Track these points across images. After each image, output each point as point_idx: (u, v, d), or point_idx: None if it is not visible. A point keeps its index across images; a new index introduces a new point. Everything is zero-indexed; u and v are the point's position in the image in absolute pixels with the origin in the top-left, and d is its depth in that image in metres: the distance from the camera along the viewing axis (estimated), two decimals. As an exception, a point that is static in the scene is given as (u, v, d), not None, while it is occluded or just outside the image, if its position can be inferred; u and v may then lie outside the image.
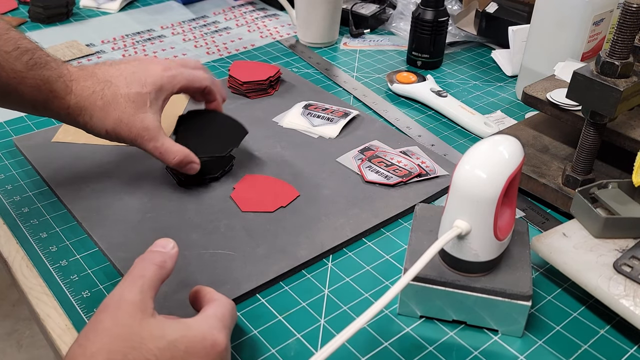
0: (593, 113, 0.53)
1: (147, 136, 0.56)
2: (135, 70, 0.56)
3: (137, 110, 0.55)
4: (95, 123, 0.55)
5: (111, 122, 0.55)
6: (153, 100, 0.56)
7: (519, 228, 0.51)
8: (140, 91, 0.55)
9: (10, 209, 0.60)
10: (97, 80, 0.55)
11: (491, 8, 0.92)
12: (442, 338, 0.48)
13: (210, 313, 0.41)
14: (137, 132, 0.55)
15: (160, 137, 0.57)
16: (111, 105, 0.54)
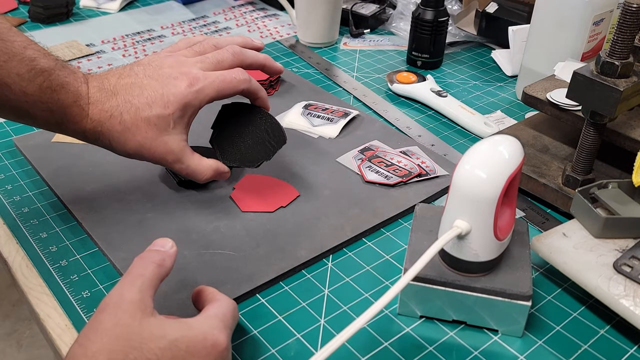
0: (593, 113, 0.53)
1: (171, 159, 0.53)
2: (157, 87, 0.52)
3: (159, 134, 0.52)
4: (115, 147, 0.53)
5: (132, 147, 0.52)
6: (177, 120, 0.52)
7: (519, 228, 0.51)
8: (163, 113, 0.51)
9: (10, 209, 0.60)
10: (117, 103, 0.51)
11: (491, 8, 0.92)
12: (442, 338, 0.48)
13: (212, 313, 0.41)
14: (160, 155, 0.53)
15: (186, 159, 0.54)
16: (131, 131, 0.51)
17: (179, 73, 0.53)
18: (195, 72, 0.53)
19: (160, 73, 0.53)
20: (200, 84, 0.52)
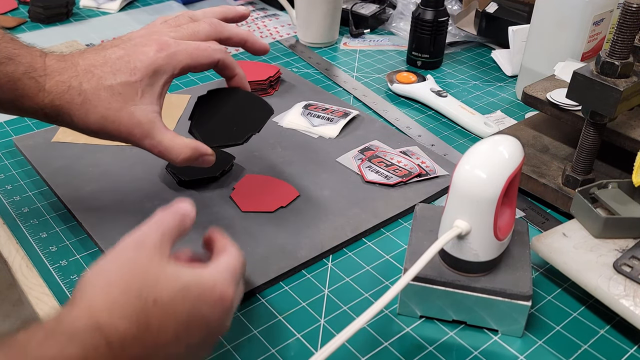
0: (593, 113, 0.53)
1: (140, 133, 0.47)
2: (122, 55, 0.48)
3: (124, 104, 0.47)
4: (77, 123, 0.47)
5: (95, 120, 0.47)
6: (146, 88, 0.47)
7: (519, 228, 0.51)
8: (129, 80, 0.47)
9: (10, 209, 0.60)
10: (76, 73, 0.47)
11: (491, 8, 0.92)
12: (442, 338, 0.48)
13: (223, 266, 0.41)
14: (127, 129, 0.47)
15: (157, 133, 0.48)
16: (92, 102, 0.46)
17: (148, 40, 0.49)
18: (166, 38, 0.49)
19: (129, 43, 0.49)
20: (171, 49, 0.48)
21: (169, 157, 0.49)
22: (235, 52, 0.94)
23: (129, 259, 0.37)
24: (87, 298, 0.35)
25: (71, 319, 0.33)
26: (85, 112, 0.47)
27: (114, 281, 0.35)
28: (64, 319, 0.33)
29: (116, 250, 0.38)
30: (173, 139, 0.49)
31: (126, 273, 0.36)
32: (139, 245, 0.38)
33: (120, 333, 0.33)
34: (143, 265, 0.37)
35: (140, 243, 0.38)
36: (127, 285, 0.35)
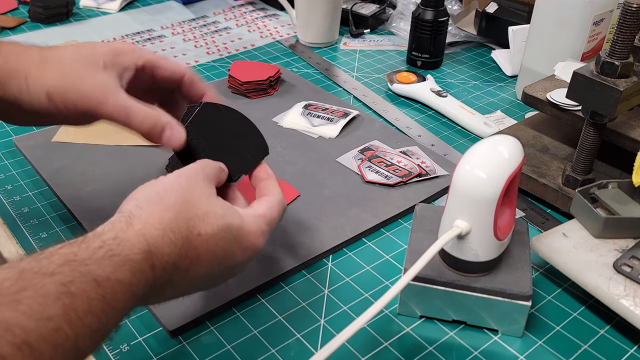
0: (593, 113, 0.53)
1: (101, 93, 0.44)
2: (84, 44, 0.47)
3: (86, 66, 0.44)
4: (31, 85, 0.44)
5: (52, 79, 0.43)
6: (109, 63, 0.45)
7: (519, 228, 0.51)
8: (92, 51, 0.45)
9: (10, 208, 0.60)
10: (34, 48, 0.46)
11: (491, 8, 0.92)
12: (442, 338, 0.48)
13: (263, 213, 0.43)
14: (88, 89, 0.44)
15: (120, 95, 0.44)
16: (51, 63, 0.44)
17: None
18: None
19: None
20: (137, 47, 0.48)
21: (133, 124, 0.45)
22: (235, 52, 0.94)
23: (184, 188, 0.39)
24: (143, 218, 0.36)
25: (127, 241, 0.35)
26: (43, 72, 0.44)
27: (169, 205, 0.37)
28: (122, 239, 0.34)
29: (170, 177, 0.40)
30: (137, 104, 0.45)
31: (181, 200, 0.38)
32: (193, 177, 0.40)
33: (165, 258, 0.36)
34: (196, 195, 0.39)
35: (193, 175, 0.40)
36: (180, 212, 0.37)
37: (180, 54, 0.93)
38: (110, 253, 0.33)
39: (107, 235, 0.35)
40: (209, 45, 0.96)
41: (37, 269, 0.31)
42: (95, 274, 0.32)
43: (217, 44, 0.97)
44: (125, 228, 0.35)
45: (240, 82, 0.78)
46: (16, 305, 0.29)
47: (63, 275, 0.31)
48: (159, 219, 0.36)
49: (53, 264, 0.31)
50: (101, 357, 0.45)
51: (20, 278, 0.30)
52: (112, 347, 0.46)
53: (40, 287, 0.30)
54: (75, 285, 0.31)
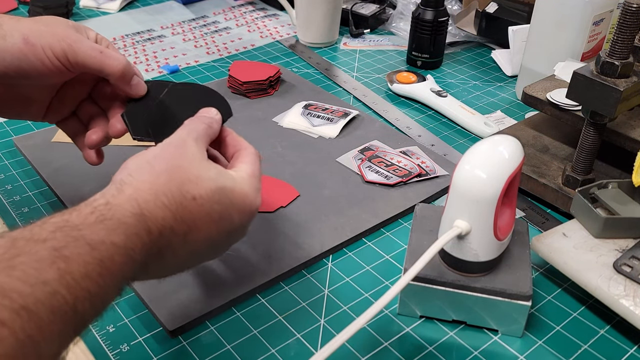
0: (593, 113, 0.53)
1: (76, 36, 0.45)
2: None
3: (59, 20, 0.47)
4: (7, 30, 0.45)
5: (28, 25, 0.45)
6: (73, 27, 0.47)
7: (519, 228, 0.51)
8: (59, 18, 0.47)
9: (10, 208, 0.60)
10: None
11: (491, 8, 0.92)
12: (442, 338, 0.48)
13: (251, 173, 0.43)
14: (63, 31, 0.45)
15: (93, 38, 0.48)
16: (25, 18, 0.47)
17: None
18: None
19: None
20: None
21: (107, 63, 0.46)
22: (235, 52, 0.94)
23: (174, 154, 0.39)
24: (134, 185, 0.36)
25: (119, 205, 0.35)
26: (18, 21, 0.46)
27: (160, 171, 0.37)
28: (113, 204, 0.35)
29: (159, 146, 0.40)
30: (110, 48, 0.48)
31: (171, 166, 0.38)
32: (181, 144, 0.40)
33: (159, 222, 0.36)
34: (187, 160, 0.39)
35: (181, 142, 0.40)
36: (171, 177, 0.37)
37: (180, 54, 0.93)
38: (102, 217, 0.34)
39: (98, 202, 0.35)
40: (209, 45, 0.96)
41: (30, 236, 0.31)
42: (88, 239, 0.32)
43: (217, 44, 0.97)
44: (116, 194, 0.36)
45: (240, 82, 0.78)
46: (10, 271, 0.29)
47: (56, 241, 0.31)
48: (150, 184, 0.37)
49: (45, 230, 0.31)
50: (101, 357, 0.45)
51: (13, 246, 0.30)
52: (112, 347, 0.46)
53: (33, 253, 0.30)
54: (69, 249, 0.31)
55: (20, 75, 0.46)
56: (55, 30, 0.45)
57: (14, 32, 0.45)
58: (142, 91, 0.49)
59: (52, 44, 0.45)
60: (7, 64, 0.45)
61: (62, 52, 0.45)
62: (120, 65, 0.47)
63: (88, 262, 0.31)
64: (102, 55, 0.46)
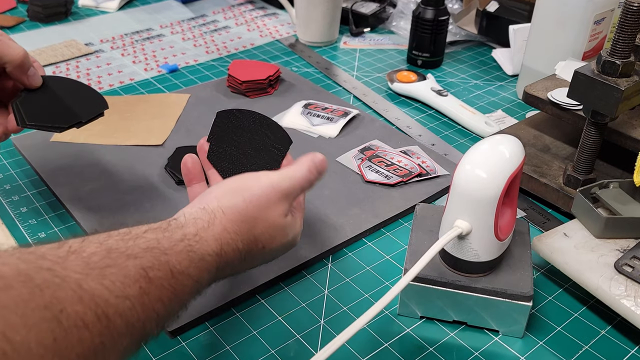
0: (594, 112, 0.53)
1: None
2: None
3: None
4: None
5: None
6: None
7: (520, 228, 0.50)
8: None
9: (8, 208, 0.60)
10: None
11: (492, 7, 0.92)
12: (442, 339, 0.47)
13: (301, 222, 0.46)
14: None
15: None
16: None
17: None
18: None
19: None
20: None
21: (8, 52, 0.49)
22: (234, 51, 0.94)
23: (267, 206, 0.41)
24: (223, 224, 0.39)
25: (205, 241, 0.38)
26: None
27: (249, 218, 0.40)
28: (201, 237, 0.38)
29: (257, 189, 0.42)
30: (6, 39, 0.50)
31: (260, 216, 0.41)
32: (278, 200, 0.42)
33: (228, 262, 0.39)
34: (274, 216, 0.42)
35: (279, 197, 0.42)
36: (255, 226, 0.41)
37: (180, 53, 0.92)
38: (189, 249, 0.37)
39: (188, 229, 0.38)
40: (208, 45, 0.96)
41: (124, 249, 0.34)
42: (172, 265, 0.35)
43: (216, 43, 0.96)
44: (206, 227, 0.38)
45: (240, 81, 0.78)
46: (101, 279, 0.31)
47: (145, 260, 0.34)
48: (237, 229, 0.40)
49: (138, 248, 0.34)
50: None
51: (107, 256, 0.32)
52: (110, 347, 0.46)
53: (124, 267, 0.32)
54: (153, 271, 0.34)
55: None
56: None
57: None
58: (38, 82, 0.52)
59: None
60: None
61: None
62: (20, 54, 0.50)
63: (165, 287, 0.34)
64: (1, 43, 0.49)
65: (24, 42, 0.93)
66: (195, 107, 0.76)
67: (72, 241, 0.33)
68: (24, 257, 0.29)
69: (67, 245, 0.32)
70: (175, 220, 0.38)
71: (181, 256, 0.36)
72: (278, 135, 0.52)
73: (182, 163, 0.50)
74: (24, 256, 0.29)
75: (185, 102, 0.77)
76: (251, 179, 0.43)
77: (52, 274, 0.29)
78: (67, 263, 0.31)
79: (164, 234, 0.36)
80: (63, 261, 0.31)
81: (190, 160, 0.49)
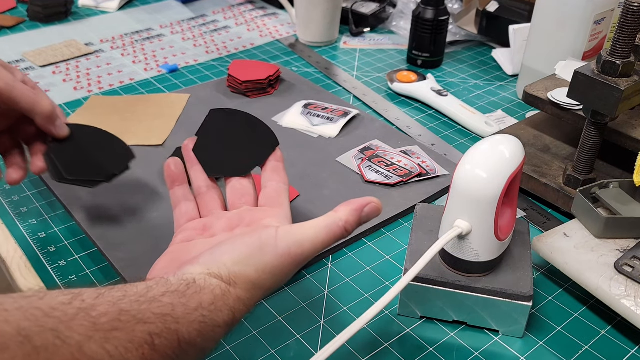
0: (594, 112, 0.53)
1: (10, 79, 0.48)
2: None
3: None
4: None
5: None
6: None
7: (520, 228, 0.50)
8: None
9: (8, 208, 0.60)
10: None
11: (492, 7, 0.92)
12: (442, 339, 0.47)
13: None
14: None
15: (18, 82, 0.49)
16: None
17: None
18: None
19: None
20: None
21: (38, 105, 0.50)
22: (234, 51, 0.94)
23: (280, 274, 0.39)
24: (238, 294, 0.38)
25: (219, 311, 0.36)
26: None
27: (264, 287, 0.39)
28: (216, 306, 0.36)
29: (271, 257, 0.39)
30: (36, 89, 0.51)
31: (274, 282, 0.39)
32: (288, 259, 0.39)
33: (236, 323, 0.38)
34: (284, 275, 0.40)
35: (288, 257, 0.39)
36: (267, 291, 0.39)
37: (180, 53, 0.92)
38: (202, 319, 0.35)
39: (206, 297, 0.36)
40: (208, 45, 0.96)
41: (136, 312, 0.33)
42: (181, 335, 0.34)
43: (216, 43, 0.96)
44: (221, 296, 0.37)
45: (240, 81, 0.78)
46: (104, 343, 0.30)
47: (154, 327, 0.33)
48: (250, 296, 0.38)
49: (150, 312, 0.33)
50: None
51: (117, 318, 0.32)
52: (110, 347, 0.46)
53: (130, 332, 0.32)
54: (160, 339, 0.33)
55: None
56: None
57: None
58: (65, 133, 0.53)
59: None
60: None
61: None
62: (50, 106, 0.51)
63: (168, 355, 0.33)
64: (36, 96, 0.49)
65: (24, 42, 0.94)
66: (195, 107, 0.76)
67: (87, 294, 0.32)
68: (30, 314, 0.29)
69: (80, 300, 0.31)
70: (194, 283, 0.37)
71: (192, 327, 0.35)
72: (264, 135, 0.52)
73: (165, 166, 0.50)
74: (30, 312, 0.29)
75: (185, 102, 0.77)
76: (267, 239, 0.40)
77: (54, 335, 0.29)
78: (74, 322, 0.30)
79: (180, 300, 0.35)
80: (70, 320, 0.30)
81: (174, 163, 0.49)
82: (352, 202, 0.42)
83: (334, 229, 0.40)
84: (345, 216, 0.41)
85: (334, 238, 0.41)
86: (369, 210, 0.42)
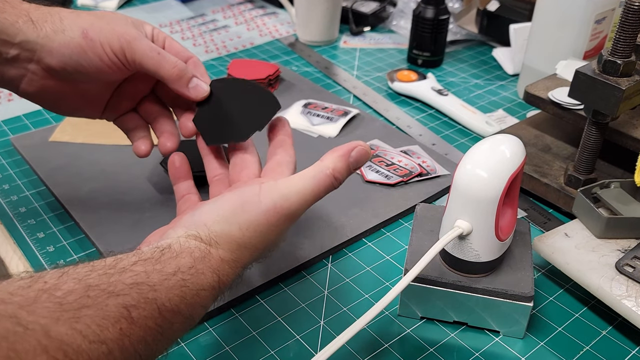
0: (595, 112, 0.53)
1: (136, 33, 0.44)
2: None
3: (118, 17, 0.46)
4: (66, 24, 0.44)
5: (88, 20, 0.44)
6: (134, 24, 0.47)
7: (521, 228, 0.50)
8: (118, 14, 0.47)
9: (7, 209, 0.59)
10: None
11: (492, 6, 0.92)
12: (443, 339, 0.47)
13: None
14: (122, 28, 0.44)
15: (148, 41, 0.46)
16: (79, 13, 0.45)
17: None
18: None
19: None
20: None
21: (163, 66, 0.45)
22: (234, 50, 0.94)
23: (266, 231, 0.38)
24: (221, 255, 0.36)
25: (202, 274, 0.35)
26: (78, 15, 0.45)
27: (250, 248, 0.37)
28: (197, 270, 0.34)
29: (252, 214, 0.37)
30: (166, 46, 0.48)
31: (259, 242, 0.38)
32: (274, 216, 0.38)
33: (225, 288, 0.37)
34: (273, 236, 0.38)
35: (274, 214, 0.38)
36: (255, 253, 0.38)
37: (179, 53, 0.92)
38: (182, 283, 0.33)
39: (183, 260, 0.34)
40: (207, 44, 0.96)
41: (105, 285, 0.30)
42: (160, 303, 0.31)
43: (215, 43, 0.96)
44: (201, 258, 0.35)
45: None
46: (74, 323, 0.28)
47: (129, 298, 0.30)
48: (235, 257, 0.37)
49: (122, 283, 0.31)
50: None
51: (85, 294, 0.29)
52: (109, 348, 0.46)
53: (102, 307, 0.29)
54: (137, 310, 0.30)
55: (78, 71, 0.45)
56: (115, 27, 0.44)
57: (73, 26, 0.44)
58: (202, 94, 0.47)
59: (110, 40, 0.44)
60: (65, 58, 0.44)
61: (120, 50, 0.44)
62: (176, 69, 0.45)
63: (150, 327, 0.31)
64: (159, 56, 0.45)
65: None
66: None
67: (49, 275, 0.29)
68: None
69: (42, 282, 0.28)
70: (168, 248, 0.34)
71: (172, 292, 0.32)
72: (265, 99, 0.49)
73: (170, 162, 0.48)
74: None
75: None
76: (250, 196, 0.38)
77: (14, 322, 0.26)
78: (36, 306, 0.27)
79: (155, 267, 0.33)
80: (31, 303, 0.27)
81: (178, 158, 0.48)
82: (338, 148, 0.40)
83: (322, 178, 0.39)
84: (332, 163, 0.39)
85: (324, 188, 0.39)
86: (357, 155, 0.40)
